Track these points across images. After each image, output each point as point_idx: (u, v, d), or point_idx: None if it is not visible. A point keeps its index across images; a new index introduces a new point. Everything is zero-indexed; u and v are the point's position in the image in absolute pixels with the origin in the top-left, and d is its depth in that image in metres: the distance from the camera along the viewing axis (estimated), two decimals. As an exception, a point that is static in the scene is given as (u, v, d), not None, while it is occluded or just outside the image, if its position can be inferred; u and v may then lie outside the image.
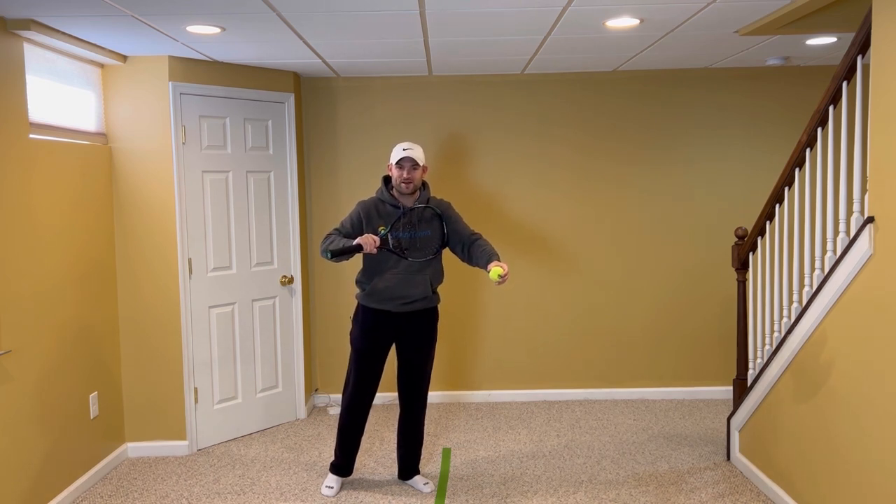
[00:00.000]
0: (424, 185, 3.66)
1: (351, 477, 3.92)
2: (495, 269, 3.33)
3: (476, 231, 3.70)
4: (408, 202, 3.60)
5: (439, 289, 3.90)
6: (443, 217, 3.64)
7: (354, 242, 3.40)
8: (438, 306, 3.75)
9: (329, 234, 3.57)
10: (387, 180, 3.66)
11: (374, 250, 3.39)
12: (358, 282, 3.69)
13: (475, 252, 3.57)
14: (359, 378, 3.68)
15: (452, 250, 3.68)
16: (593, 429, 4.67)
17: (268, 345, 4.77)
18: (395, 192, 3.61)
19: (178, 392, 4.31)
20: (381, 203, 3.61)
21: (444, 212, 3.65)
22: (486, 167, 5.13)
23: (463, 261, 3.66)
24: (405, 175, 3.51)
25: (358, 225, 3.58)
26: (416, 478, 3.83)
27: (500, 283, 3.35)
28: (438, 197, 3.83)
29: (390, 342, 3.68)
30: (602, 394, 5.28)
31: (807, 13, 3.31)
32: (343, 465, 3.81)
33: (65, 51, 3.72)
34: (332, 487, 3.76)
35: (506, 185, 5.14)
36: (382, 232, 3.49)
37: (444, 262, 3.69)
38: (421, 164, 3.54)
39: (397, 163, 3.52)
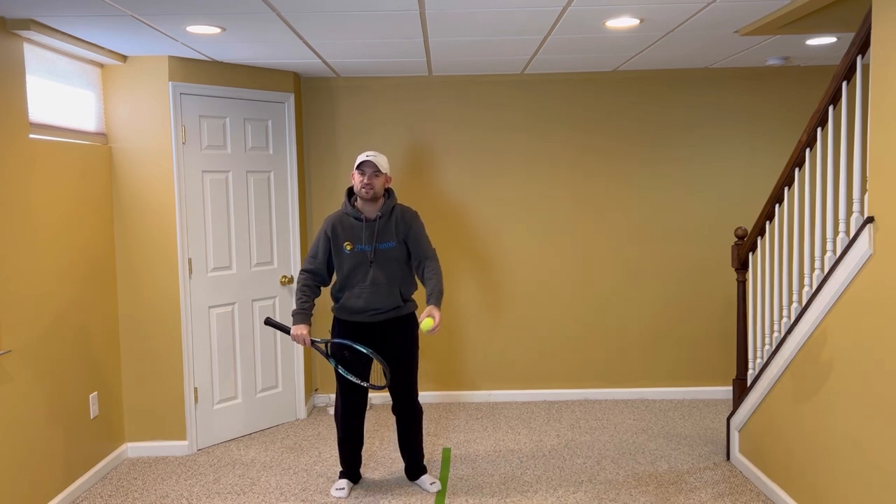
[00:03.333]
0: (389, 193, 3.64)
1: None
2: (425, 322, 3.41)
3: (433, 249, 3.69)
4: (370, 212, 3.58)
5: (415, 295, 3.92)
6: (408, 230, 3.63)
7: (290, 329, 3.59)
8: (416, 312, 3.74)
9: (302, 273, 3.66)
10: (350, 192, 3.65)
11: (304, 345, 3.56)
12: (332, 295, 3.70)
13: (425, 276, 3.61)
14: (345, 389, 3.69)
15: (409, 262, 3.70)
16: (593, 429, 4.67)
17: (268, 345, 4.77)
18: (358, 204, 3.60)
19: (178, 392, 4.31)
20: (346, 216, 3.62)
21: (408, 223, 3.63)
22: (485, 167, 5.13)
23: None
24: (365, 181, 3.51)
25: (325, 249, 3.62)
26: (424, 477, 3.84)
27: (429, 333, 3.43)
28: (405, 205, 3.78)
29: (361, 357, 3.63)
30: (602, 394, 5.28)
31: (807, 13, 3.31)
32: (350, 473, 3.84)
33: (65, 51, 3.72)
34: (343, 489, 3.76)
35: (505, 185, 5.14)
36: (322, 342, 3.60)
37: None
38: (383, 171, 3.53)
39: (358, 167, 3.52)
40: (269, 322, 3.61)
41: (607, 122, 5.12)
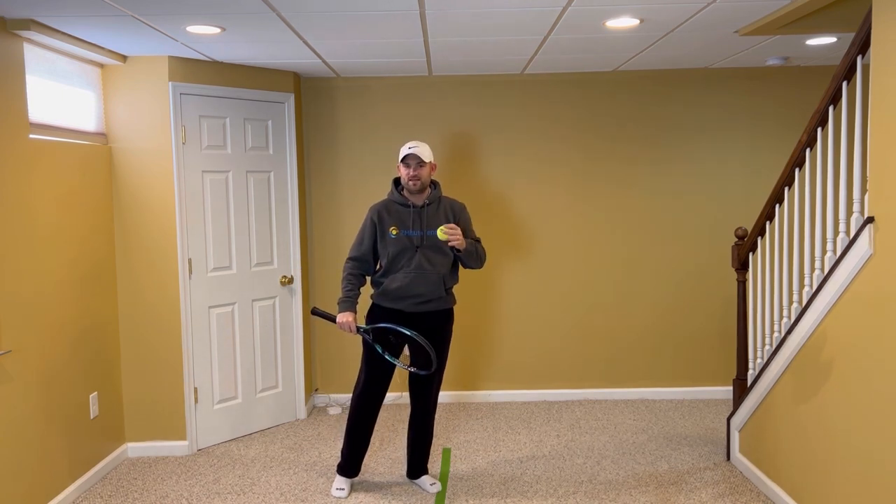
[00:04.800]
0: (435, 184, 3.69)
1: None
2: (440, 228, 3.50)
3: (478, 237, 3.77)
4: (417, 200, 3.63)
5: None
6: (458, 221, 3.67)
7: (336, 318, 3.64)
8: (454, 308, 3.76)
9: (347, 261, 3.68)
10: (397, 182, 3.70)
11: (350, 332, 3.60)
12: (374, 281, 3.72)
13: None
14: (370, 377, 3.69)
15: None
16: (593, 429, 4.67)
17: (268, 345, 4.77)
18: (405, 192, 3.64)
19: (178, 392, 4.31)
20: (392, 203, 3.65)
21: (456, 213, 3.69)
22: (485, 167, 5.13)
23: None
24: (412, 173, 3.55)
25: (371, 235, 3.64)
26: (424, 477, 3.84)
27: (447, 239, 3.50)
28: (451, 197, 3.86)
29: (403, 342, 3.66)
30: (602, 394, 5.28)
31: (807, 13, 3.31)
32: (350, 465, 3.79)
33: (65, 51, 3.72)
34: (343, 489, 3.75)
35: (506, 185, 5.14)
36: (367, 328, 3.62)
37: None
38: (427, 161, 3.56)
39: (403, 161, 3.56)
40: (315, 312, 3.67)
41: (607, 123, 5.12)
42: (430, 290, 3.59)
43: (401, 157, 3.56)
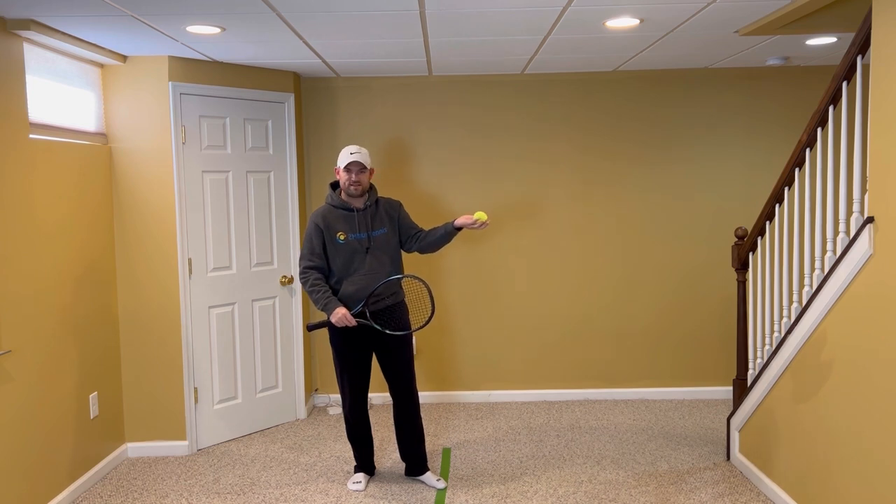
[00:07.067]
0: (372, 186, 3.75)
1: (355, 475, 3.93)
2: (480, 213, 3.57)
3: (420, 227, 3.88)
4: (358, 204, 3.67)
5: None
6: (398, 216, 3.76)
7: (327, 319, 3.57)
8: (405, 299, 3.84)
9: (306, 271, 3.64)
10: (334, 186, 3.74)
11: (350, 323, 3.52)
12: (329, 288, 3.72)
13: (428, 235, 3.74)
14: (351, 379, 3.74)
15: (404, 245, 3.80)
16: (593, 429, 4.67)
17: (268, 345, 4.77)
18: (344, 196, 3.68)
19: (178, 392, 4.31)
20: (334, 209, 3.68)
21: (396, 211, 3.78)
22: (485, 167, 5.13)
23: (415, 251, 3.80)
24: (353, 178, 3.60)
25: (320, 244, 3.64)
26: (428, 474, 3.85)
27: (481, 225, 3.56)
28: (386, 196, 3.95)
29: (370, 340, 3.73)
30: (602, 394, 5.28)
31: (807, 13, 3.31)
32: (364, 466, 3.91)
33: (65, 51, 3.72)
34: (360, 482, 3.83)
35: (505, 185, 5.14)
36: (359, 311, 3.60)
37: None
38: (368, 167, 3.63)
39: (345, 167, 3.59)
40: (310, 327, 3.61)
41: (607, 123, 5.12)
42: (386, 287, 3.66)
43: (343, 163, 3.60)
